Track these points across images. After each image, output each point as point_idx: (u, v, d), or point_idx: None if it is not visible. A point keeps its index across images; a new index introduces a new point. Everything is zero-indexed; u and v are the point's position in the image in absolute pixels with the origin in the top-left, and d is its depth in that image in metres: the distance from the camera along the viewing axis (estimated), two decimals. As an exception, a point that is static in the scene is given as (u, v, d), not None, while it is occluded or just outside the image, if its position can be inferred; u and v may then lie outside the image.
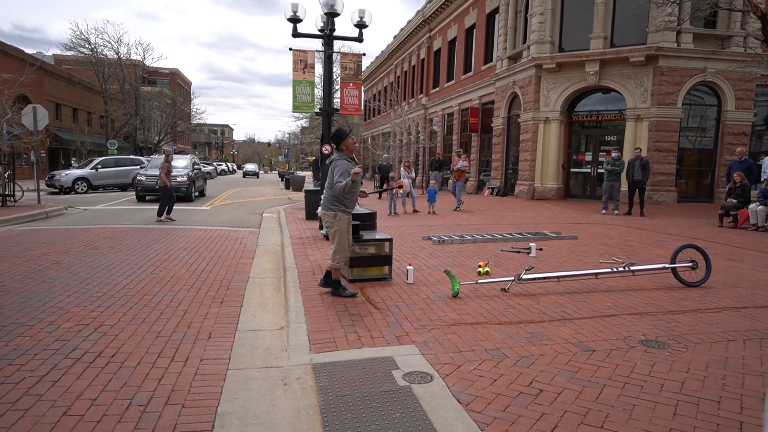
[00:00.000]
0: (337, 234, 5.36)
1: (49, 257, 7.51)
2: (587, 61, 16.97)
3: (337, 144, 5.49)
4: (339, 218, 5.35)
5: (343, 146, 5.45)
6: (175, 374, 3.52)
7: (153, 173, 18.09)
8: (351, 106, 11.79)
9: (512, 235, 9.60)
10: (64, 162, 34.82)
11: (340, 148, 5.46)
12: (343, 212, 5.37)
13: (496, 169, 22.00)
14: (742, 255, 8.04)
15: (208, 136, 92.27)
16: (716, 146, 17.15)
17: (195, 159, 22.57)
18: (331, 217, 5.38)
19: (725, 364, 3.65)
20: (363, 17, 11.07)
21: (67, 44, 38.18)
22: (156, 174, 17.73)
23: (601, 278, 6.15)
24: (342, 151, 5.45)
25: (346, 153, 5.45)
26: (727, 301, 5.34)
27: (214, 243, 9.21)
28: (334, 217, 5.36)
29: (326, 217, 5.44)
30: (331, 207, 5.37)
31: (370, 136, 46.12)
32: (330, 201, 5.38)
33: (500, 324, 4.52)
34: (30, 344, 4.02)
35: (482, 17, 23.87)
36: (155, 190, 17.37)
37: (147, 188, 18.00)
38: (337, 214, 5.35)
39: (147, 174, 18.42)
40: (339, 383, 3.32)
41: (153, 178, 17.63)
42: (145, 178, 18.25)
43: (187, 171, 18.96)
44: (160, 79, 57.95)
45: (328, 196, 5.43)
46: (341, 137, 5.47)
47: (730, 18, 16.27)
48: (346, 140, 5.45)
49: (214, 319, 4.77)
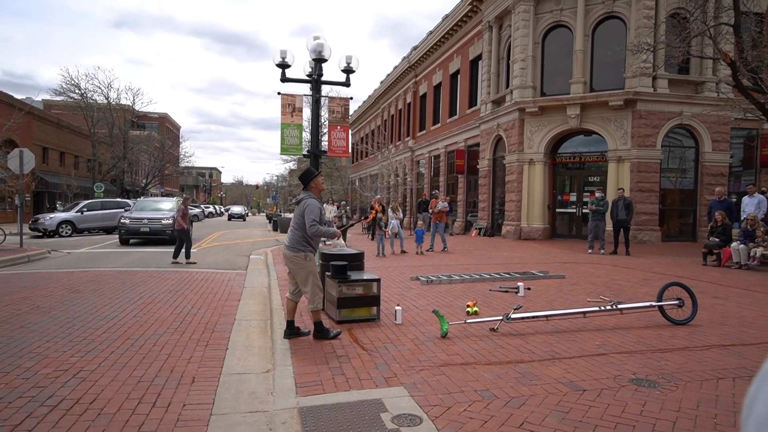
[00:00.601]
0: (310, 276, 5.21)
1: (29, 301, 7.33)
2: (568, 105, 17.50)
3: (306, 183, 5.38)
4: (309, 259, 5.22)
5: (312, 185, 5.36)
6: (156, 420, 3.40)
7: (138, 216, 17.95)
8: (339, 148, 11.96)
9: (500, 274, 9.61)
10: (49, 205, 34.49)
11: (309, 186, 5.36)
12: (311, 252, 5.26)
13: (483, 209, 22.21)
14: (727, 293, 8.11)
15: (196, 178, 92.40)
16: (696, 186, 17.56)
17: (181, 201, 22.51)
18: (301, 258, 5.20)
19: (716, 403, 3.62)
20: (350, 63, 11.39)
21: (57, 89, 38.56)
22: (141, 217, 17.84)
23: (590, 317, 6.14)
24: (311, 190, 5.35)
25: (314, 192, 5.36)
26: (714, 338, 5.35)
27: (200, 285, 9.09)
28: (305, 258, 5.20)
29: (296, 258, 5.23)
30: (300, 248, 5.20)
31: (358, 178, 46.53)
32: (298, 242, 5.22)
33: (490, 364, 4.47)
34: (5, 391, 3.88)
35: (466, 63, 24.65)
36: (139, 233, 17.39)
37: (131, 231, 17.52)
38: (307, 255, 5.20)
39: (131, 217, 18.00)
40: (326, 427, 3.23)
41: (137, 222, 17.58)
42: (129, 221, 17.74)
43: (173, 213, 18.57)
44: (149, 123, 58.40)
45: (297, 237, 5.25)
46: (310, 176, 5.38)
47: (702, 65, 17.00)
48: (316, 179, 5.38)
49: (198, 363, 4.66)
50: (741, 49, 12.02)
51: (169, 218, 17.68)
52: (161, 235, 17.56)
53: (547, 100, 18.20)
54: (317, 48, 10.93)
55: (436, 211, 15.34)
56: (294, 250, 5.22)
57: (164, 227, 17.49)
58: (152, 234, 17.57)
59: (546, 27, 18.61)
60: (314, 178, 5.37)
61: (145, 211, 18.69)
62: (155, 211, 18.70)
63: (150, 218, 17.79)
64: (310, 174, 5.40)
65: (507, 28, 20.40)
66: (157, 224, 17.61)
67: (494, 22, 20.93)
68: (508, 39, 20.35)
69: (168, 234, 17.33)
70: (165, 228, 17.43)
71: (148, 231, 17.51)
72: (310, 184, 5.36)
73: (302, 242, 5.20)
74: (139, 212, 18.52)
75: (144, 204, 20.08)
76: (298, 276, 5.25)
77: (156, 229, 17.56)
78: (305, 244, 5.21)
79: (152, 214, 18.15)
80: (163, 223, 17.55)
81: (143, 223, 17.58)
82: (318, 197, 5.38)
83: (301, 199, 5.30)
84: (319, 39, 11.06)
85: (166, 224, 17.54)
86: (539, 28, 18.68)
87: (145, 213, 18.37)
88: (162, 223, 17.63)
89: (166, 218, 17.79)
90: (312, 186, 5.36)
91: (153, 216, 17.99)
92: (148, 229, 17.50)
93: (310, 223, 5.10)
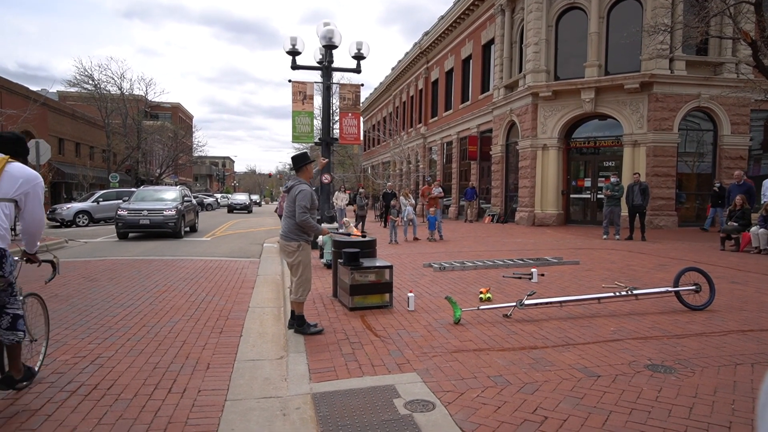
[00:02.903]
0: (301, 266, 4.99)
1: (47, 290, 7.45)
2: (583, 89, 17.22)
3: (298, 167, 5.11)
4: (303, 248, 5.00)
5: (305, 169, 5.11)
6: (172, 406, 3.45)
7: (137, 207, 16.10)
8: (350, 135, 11.93)
9: (513, 261, 9.55)
10: (66, 196, 35.00)
11: (300, 170, 5.10)
12: (306, 242, 5.04)
13: (496, 196, 22.07)
14: (746, 278, 7.97)
15: (209, 168, 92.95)
16: (714, 170, 17.23)
17: (186, 191, 19.69)
18: (294, 247, 4.97)
19: (734, 389, 3.57)
20: (361, 49, 11.30)
21: (71, 81, 38.87)
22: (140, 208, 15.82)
23: (604, 303, 6.09)
24: (301, 175, 5.11)
25: (304, 177, 5.11)
26: (732, 324, 5.27)
27: (214, 273, 9.17)
28: (297, 248, 4.97)
29: (288, 248, 5.00)
30: (293, 237, 4.98)
31: (370, 165, 46.47)
32: (292, 230, 4.99)
33: (503, 350, 4.45)
34: (25, 377, 3.95)
35: (478, 48, 24.35)
36: (138, 226, 15.70)
37: (129, 224, 15.70)
38: (300, 244, 4.98)
39: (130, 208, 16.06)
40: (339, 413, 3.24)
41: (136, 213, 15.78)
42: (127, 212, 15.80)
43: (176, 204, 16.55)
44: (162, 113, 58.70)
45: (290, 225, 5.01)
46: (305, 160, 5.12)
47: (721, 45, 16.59)
48: (309, 165, 5.15)
49: (213, 350, 4.71)
50: (762, 28, 11.69)
51: (171, 209, 16.03)
52: (163, 228, 15.76)
53: (561, 84, 17.93)
54: (327, 34, 10.86)
55: (431, 198, 15.17)
56: (287, 239, 5.02)
57: (166, 219, 15.73)
58: (153, 227, 15.75)
59: (559, 9, 18.27)
60: (308, 164, 5.13)
61: (146, 201, 16.78)
62: (157, 201, 16.78)
63: (150, 209, 15.94)
64: (305, 158, 5.15)
65: (520, 11, 20.07)
66: (159, 216, 15.75)
67: (506, 5, 20.59)
68: (520, 22, 20.03)
69: (171, 227, 15.75)
70: (167, 220, 15.73)
71: (148, 224, 15.67)
72: (303, 169, 5.10)
73: (296, 231, 4.98)
74: (139, 203, 16.62)
75: (144, 193, 18.09)
76: (291, 264, 5.07)
77: (157, 222, 15.69)
78: (300, 232, 4.98)
79: (153, 205, 16.28)
80: (165, 215, 15.75)
81: (143, 215, 15.72)
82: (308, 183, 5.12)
83: (292, 186, 5.03)
84: (330, 25, 11.00)
85: (169, 216, 15.81)
86: (552, 10, 18.34)
87: (145, 203, 16.45)
88: (164, 214, 15.79)
89: (168, 209, 15.99)
90: (304, 170, 5.11)
91: (154, 207, 16.12)
92: (149, 222, 15.66)
93: (301, 210, 4.86)
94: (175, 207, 16.18)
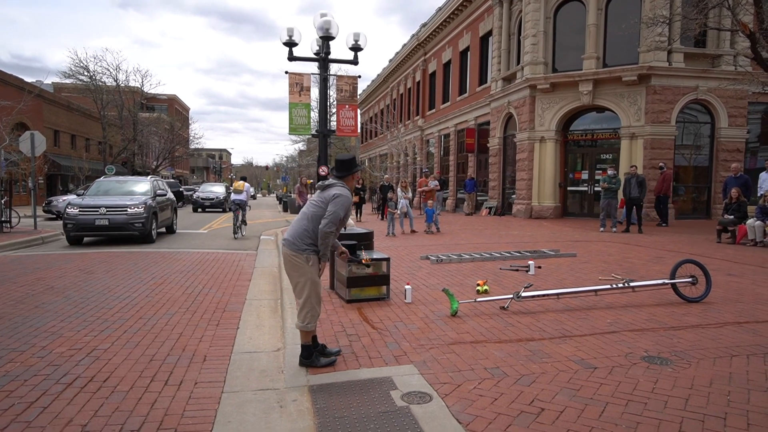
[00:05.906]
0: (308, 284, 3.90)
1: (43, 282, 7.43)
2: (580, 81, 17.17)
3: (346, 171, 4.12)
4: (312, 263, 3.91)
5: (351, 177, 4.16)
6: (169, 398, 3.44)
7: (92, 203, 12.33)
8: (347, 127, 11.88)
9: (510, 253, 9.56)
10: (62, 188, 34.86)
11: (346, 177, 4.12)
12: (315, 254, 3.93)
13: (494, 188, 22.05)
14: (742, 270, 8.00)
15: (206, 160, 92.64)
16: (711, 163, 17.25)
17: (159, 182, 15.31)
18: (302, 260, 3.88)
19: (730, 380, 3.58)
20: (358, 40, 11.23)
21: (66, 72, 38.60)
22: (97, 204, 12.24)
23: (601, 295, 6.10)
24: (346, 181, 4.11)
25: (349, 185, 4.13)
26: (728, 316, 5.28)
27: (211, 266, 9.15)
28: (306, 261, 3.88)
29: (295, 259, 3.90)
30: (304, 246, 3.89)
31: (367, 158, 46.38)
32: (302, 237, 3.92)
33: (500, 342, 4.46)
34: (20, 370, 3.94)
35: (476, 40, 24.23)
36: (94, 227, 12.05)
37: (82, 225, 12.02)
38: (309, 257, 3.89)
39: (82, 204, 12.30)
40: (336, 405, 3.24)
41: (91, 211, 12.09)
42: (78, 210, 12.09)
43: (146, 199, 12.88)
44: (158, 104, 58.46)
45: (302, 229, 3.94)
46: (354, 166, 4.18)
47: (719, 37, 16.54)
48: (356, 174, 4.25)
49: (210, 342, 4.70)
50: (761, 20, 11.66)
51: (138, 205, 12.42)
52: (127, 230, 12.22)
53: (559, 76, 17.87)
54: (324, 25, 10.78)
55: (427, 191, 15.16)
56: (294, 247, 3.90)
57: (131, 219, 12.15)
58: (114, 229, 12.14)
59: (558, 1, 18.17)
60: (356, 172, 4.21)
61: (107, 195, 13.28)
62: (121, 195, 13.22)
63: (110, 206, 12.26)
64: (354, 164, 4.18)
65: (518, 2, 19.95)
66: (121, 214, 12.17)
67: (505, -3, 20.48)
68: (519, 14, 19.93)
69: (138, 228, 12.23)
70: (132, 219, 12.16)
71: (107, 224, 12.05)
72: (349, 177, 4.13)
73: (307, 238, 3.90)
74: (96, 197, 13.03)
75: (105, 185, 14.19)
76: (295, 282, 3.97)
77: (119, 222, 12.11)
78: (310, 242, 3.90)
79: (115, 200, 12.63)
80: (129, 213, 12.16)
81: (100, 213, 12.09)
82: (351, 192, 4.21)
83: (331, 185, 4.04)
84: (327, 16, 10.91)
85: (135, 214, 12.22)
86: (551, 2, 18.24)
87: (104, 198, 12.88)
88: (128, 212, 12.17)
89: (134, 205, 12.37)
90: (349, 179, 4.14)
91: (115, 203, 12.43)
92: (107, 222, 12.03)
93: (333, 218, 3.84)
94: (144, 203, 12.59)
